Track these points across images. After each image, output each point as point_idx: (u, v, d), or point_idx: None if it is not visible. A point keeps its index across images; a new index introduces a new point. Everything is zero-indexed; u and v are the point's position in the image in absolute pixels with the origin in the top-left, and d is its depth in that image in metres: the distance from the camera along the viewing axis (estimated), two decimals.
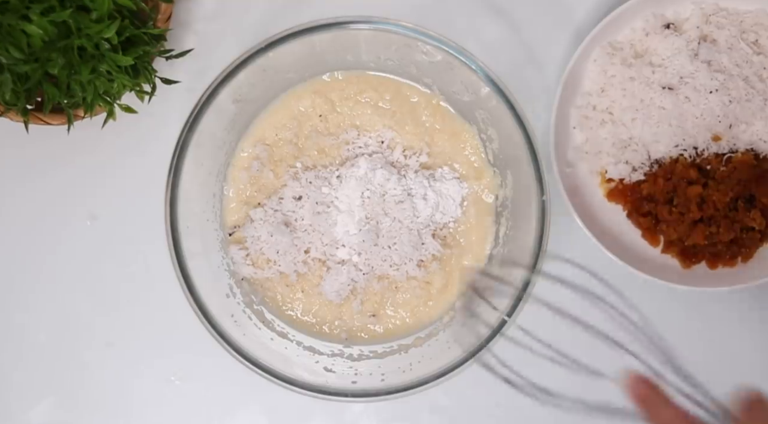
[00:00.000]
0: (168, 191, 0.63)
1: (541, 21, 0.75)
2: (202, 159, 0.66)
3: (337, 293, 0.70)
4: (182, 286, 0.62)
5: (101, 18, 0.63)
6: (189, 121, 0.63)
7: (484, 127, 0.69)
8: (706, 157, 0.71)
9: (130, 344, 0.76)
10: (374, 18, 0.63)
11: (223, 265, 0.70)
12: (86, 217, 0.76)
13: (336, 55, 0.69)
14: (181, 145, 0.63)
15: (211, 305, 0.63)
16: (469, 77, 0.64)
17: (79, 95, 0.66)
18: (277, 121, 0.71)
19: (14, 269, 0.76)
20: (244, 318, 0.68)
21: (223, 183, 0.71)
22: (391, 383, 0.64)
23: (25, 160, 0.76)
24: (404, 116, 0.71)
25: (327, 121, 0.71)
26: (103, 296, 0.76)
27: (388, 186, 0.69)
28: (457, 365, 0.62)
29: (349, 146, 0.71)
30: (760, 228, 0.70)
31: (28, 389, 0.76)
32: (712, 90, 0.70)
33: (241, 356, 0.62)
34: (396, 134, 0.71)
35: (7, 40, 0.61)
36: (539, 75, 0.75)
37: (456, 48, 0.63)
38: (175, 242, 0.62)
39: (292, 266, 0.70)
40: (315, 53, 0.67)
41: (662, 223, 0.71)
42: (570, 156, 0.72)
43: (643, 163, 0.72)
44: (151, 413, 0.76)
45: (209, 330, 0.61)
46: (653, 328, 0.55)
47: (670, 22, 0.72)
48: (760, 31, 0.71)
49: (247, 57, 0.63)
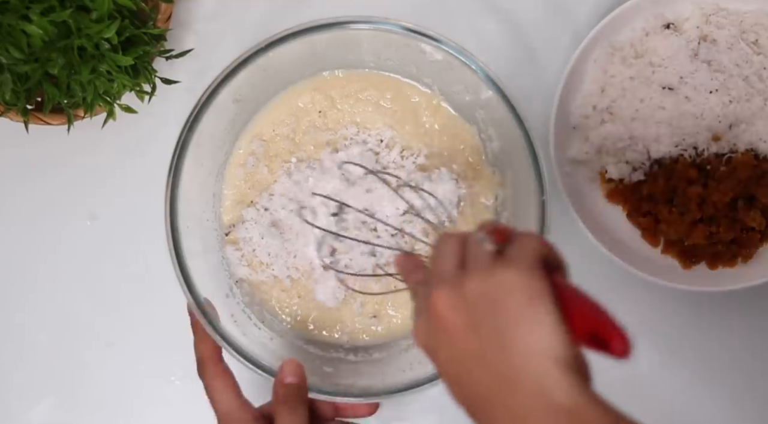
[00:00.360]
0: (168, 191, 0.62)
1: (541, 21, 0.75)
2: (202, 159, 0.66)
3: (332, 297, 0.69)
4: (182, 285, 0.62)
5: (101, 18, 0.63)
6: (189, 121, 0.63)
7: (484, 127, 0.69)
8: (706, 157, 0.71)
9: (130, 344, 0.76)
10: (374, 18, 0.63)
11: (222, 265, 0.70)
12: (86, 217, 0.76)
13: (337, 54, 0.69)
14: (181, 145, 0.63)
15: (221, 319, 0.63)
16: (469, 77, 0.64)
17: (79, 95, 0.66)
18: (276, 118, 0.71)
19: (14, 269, 0.76)
20: (243, 318, 0.67)
21: (222, 182, 0.70)
22: (391, 383, 0.64)
23: (25, 160, 0.76)
24: (405, 115, 0.71)
25: (326, 117, 0.71)
26: (103, 296, 0.76)
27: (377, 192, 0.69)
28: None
29: (347, 141, 0.70)
30: (760, 228, 0.70)
31: (28, 389, 0.76)
32: (712, 90, 0.70)
33: (241, 357, 0.62)
34: (396, 133, 0.71)
35: (7, 40, 0.61)
36: (539, 75, 0.75)
37: (456, 48, 0.63)
38: (175, 242, 0.62)
39: (285, 271, 0.69)
40: (316, 52, 0.67)
41: (662, 223, 0.71)
42: (570, 156, 0.72)
43: (643, 163, 0.72)
44: (151, 413, 0.76)
45: (209, 330, 0.61)
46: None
47: (670, 22, 0.72)
48: (760, 31, 0.71)
49: (247, 57, 0.63)
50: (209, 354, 0.60)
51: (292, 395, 0.58)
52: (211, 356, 0.60)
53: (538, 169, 0.62)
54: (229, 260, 0.70)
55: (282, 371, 0.59)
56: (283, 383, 0.58)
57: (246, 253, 0.70)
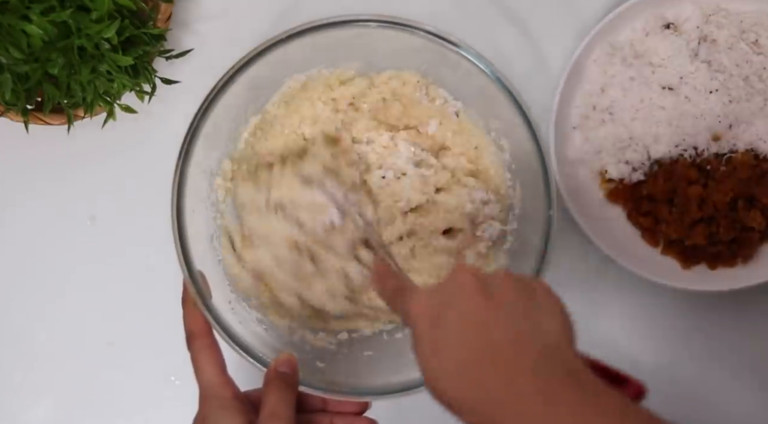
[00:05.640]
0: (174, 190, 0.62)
1: (540, 21, 0.75)
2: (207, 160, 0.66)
3: (331, 298, 0.68)
4: (178, 253, 0.61)
5: (101, 18, 0.63)
6: (193, 123, 0.62)
7: (497, 137, 0.69)
8: (706, 157, 0.71)
9: (130, 344, 0.76)
10: (397, 19, 0.63)
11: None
12: (86, 217, 0.76)
13: (348, 56, 0.68)
14: (186, 148, 0.62)
15: (217, 306, 0.63)
16: (486, 85, 0.64)
17: (79, 95, 0.66)
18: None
19: (14, 269, 0.76)
20: (239, 307, 0.67)
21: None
22: (391, 382, 0.64)
23: (25, 160, 0.76)
24: (423, 119, 0.71)
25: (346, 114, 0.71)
26: (103, 296, 0.76)
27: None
28: None
29: (361, 145, 0.70)
30: (760, 228, 0.70)
31: (28, 389, 0.76)
32: (712, 90, 0.70)
33: (244, 353, 0.62)
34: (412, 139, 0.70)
35: (7, 40, 0.61)
36: (539, 75, 0.75)
37: (475, 54, 0.63)
38: (179, 216, 0.62)
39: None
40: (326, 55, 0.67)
41: (662, 223, 0.71)
42: (570, 156, 0.73)
43: (643, 163, 0.72)
44: (151, 414, 0.76)
45: (215, 327, 0.61)
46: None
47: (670, 22, 0.72)
48: (760, 31, 0.71)
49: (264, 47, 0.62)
50: (199, 328, 0.60)
51: (282, 378, 0.58)
52: (201, 330, 0.60)
53: (547, 182, 0.62)
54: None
55: (275, 361, 0.59)
56: (276, 370, 0.59)
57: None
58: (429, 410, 0.74)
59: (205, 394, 0.58)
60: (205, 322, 0.61)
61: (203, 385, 0.58)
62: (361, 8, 0.65)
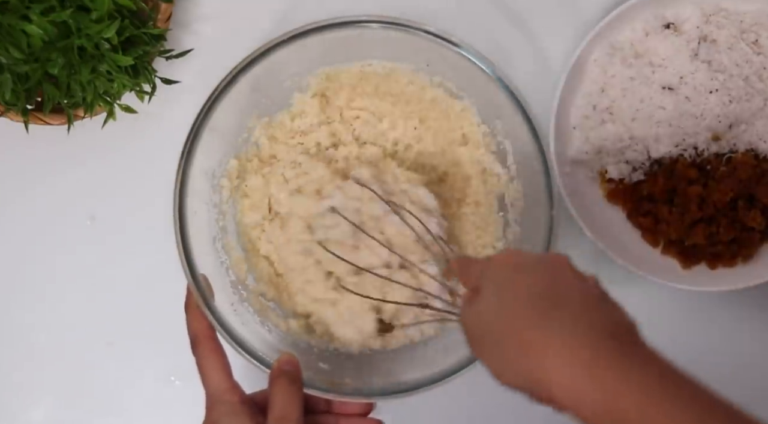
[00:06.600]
0: (177, 192, 0.62)
1: (541, 21, 0.75)
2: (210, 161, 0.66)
3: (358, 332, 0.67)
4: (181, 256, 0.61)
5: (101, 18, 0.63)
6: (196, 123, 0.62)
7: (500, 140, 0.69)
8: (706, 157, 0.71)
9: (130, 344, 0.76)
10: (385, 17, 0.63)
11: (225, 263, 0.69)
12: (86, 217, 0.76)
13: (349, 56, 0.68)
14: (188, 149, 0.62)
15: (220, 308, 0.63)
16: (487, 85, 0.64)
17: (79, 95, 0.66)
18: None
19: (14, 269, 0.76)
20: (242, 308, 0.67)
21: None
22: (391, 382, 0.64)
23: (25, 160, 0.76)
24: (426, 114, 0.71)
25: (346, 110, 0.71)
26: (103, 296, 0.76)
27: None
28: (458, 370, 0.62)
29: (355, 127, 0.70)
30: (760, 228, 0.70)
31: (28, 389, 0.76)
32: (712, 90, 0.70)
33: (247, 355, 0.62)
34: (414, 133, 0.71)
35: (7, 40, 0.61)
36: (539, 75, 0.75)
37: (476, 55, 0.63)
38: (181, 215, 0.62)
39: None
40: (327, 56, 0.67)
41: (662, 223, 0.71)
42: (570, 156, 0.73)
43: (643, 163, 0.72)
44: (151, 413, 0.76)
45: (219, 330, 0.61)
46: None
47: (670, 22, 0.72)
48: (760, 31, 0.71)
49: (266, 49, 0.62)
50: (203, 332, 0.60)
51: (287, 376, 0.58)
52: (205, 334, 0.60)
53: (549, 184, 0.62)
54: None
55: (277, 361, 0.59)
56: (280, 368, 0.59)
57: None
58: (434, 410, 0.75)
59: (213, 400, 0.57)
60: (209, 326, 0.60)
61: (210, 391, 0.58)
62: (362, 9, 0.66)
